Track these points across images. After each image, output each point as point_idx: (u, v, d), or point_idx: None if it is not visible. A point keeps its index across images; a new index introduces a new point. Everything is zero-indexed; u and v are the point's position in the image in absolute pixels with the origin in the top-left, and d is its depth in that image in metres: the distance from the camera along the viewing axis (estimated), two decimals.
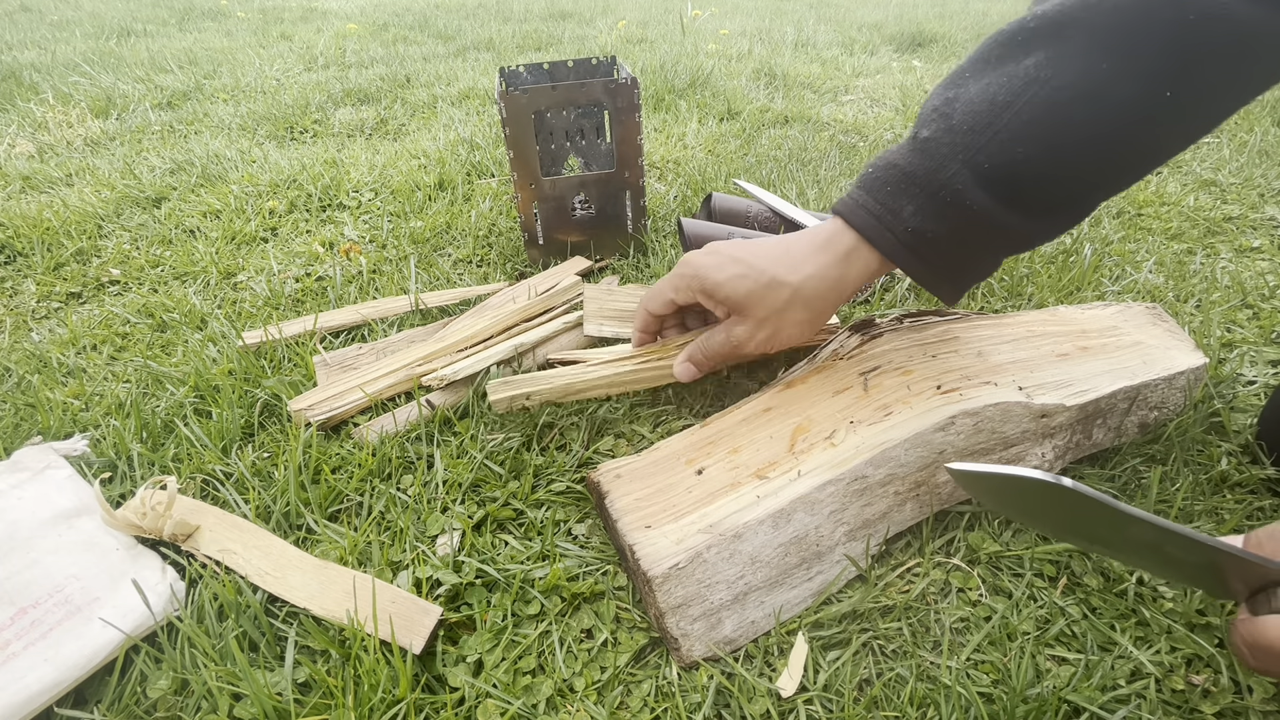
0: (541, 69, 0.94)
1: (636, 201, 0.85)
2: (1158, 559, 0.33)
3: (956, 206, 0.44)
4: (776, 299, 0.49)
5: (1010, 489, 0.34)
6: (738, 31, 2.55)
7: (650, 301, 0.57)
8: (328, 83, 1.84)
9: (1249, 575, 0.31)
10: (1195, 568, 0.32)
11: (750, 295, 0.50)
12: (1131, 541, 0.33)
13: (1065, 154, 0.42)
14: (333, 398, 0.62)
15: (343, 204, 1.10)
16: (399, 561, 0.49)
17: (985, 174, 0.42)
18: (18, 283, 0.91)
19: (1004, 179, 0.42)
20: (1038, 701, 0.38)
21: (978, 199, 0.43)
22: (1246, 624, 0.31)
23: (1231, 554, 0.30)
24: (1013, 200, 0.43)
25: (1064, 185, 0.43)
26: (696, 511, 0.44)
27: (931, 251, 0.46)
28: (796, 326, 0.51)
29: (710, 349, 0.54)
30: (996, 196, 0.43)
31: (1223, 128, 1.31)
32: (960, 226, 0.44)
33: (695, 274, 0.52)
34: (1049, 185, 0.43)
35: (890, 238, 0.46)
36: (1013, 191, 0.43)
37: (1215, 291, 0.77)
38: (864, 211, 0.47)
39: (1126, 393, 0.52)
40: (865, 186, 0.47)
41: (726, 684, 0.41)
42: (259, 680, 0.40)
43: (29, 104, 1.63)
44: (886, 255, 0.47)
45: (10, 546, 0.47)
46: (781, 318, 0.50)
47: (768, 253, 0.50)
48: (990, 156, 0.42)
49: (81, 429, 0.62)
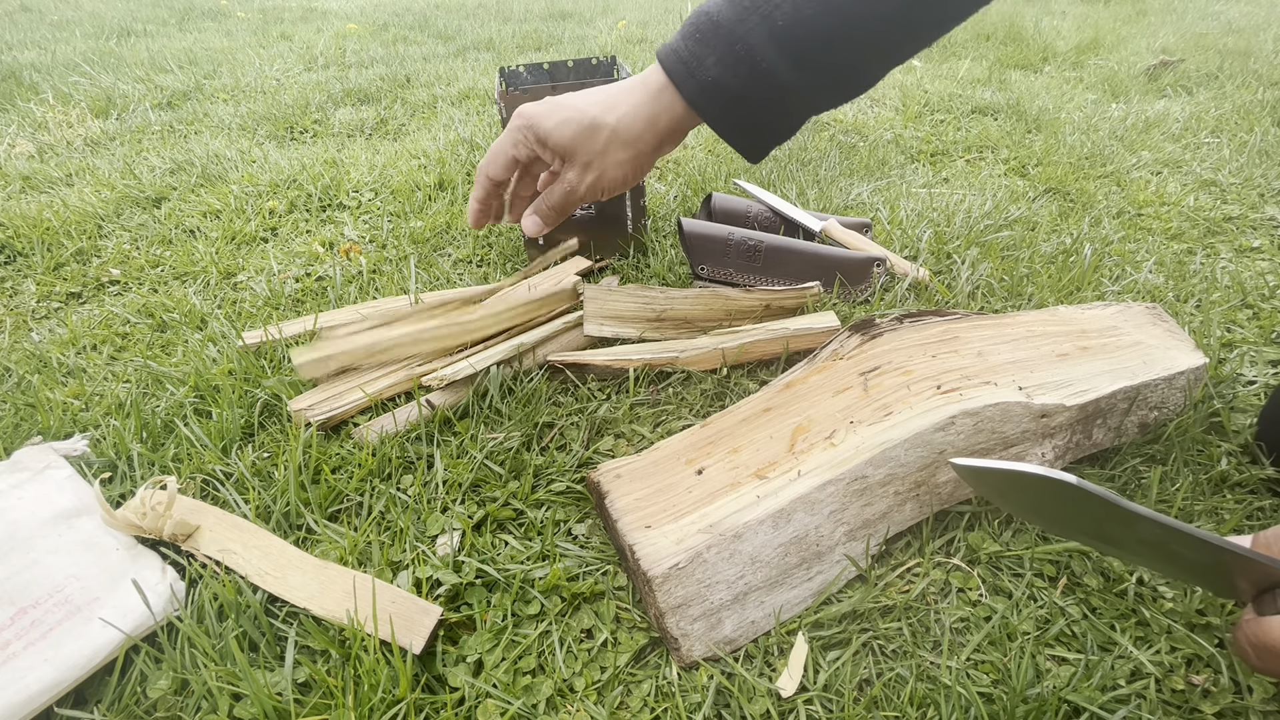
0: (541, 69, 0.94)
1: (636, 201, 0.85)
2: (1163, 557, 0.33)
3: (749, 62, 0.46)
4: (597, 139, 0.52)
5: (1014, 485, 0.34)
6: None
7: (490, 165, 0.58)
8: (328, 83, 1.84)
9: (1256, 576, 0.31)
10: (1201, 567, 0.32)
11: (575, 138, 0.52)
12: (1137, 539, 0.33)
13: (848, 20, 0.45)
14: (333, 398, 0.62)
15: (343, 204, 1.10)
16: (399, 561, 0.49)
17: (778, 31, 0.45)
18: (18, 283, 0.91)
19: (793, 38, 0.45)
20: (1038, 701, 0.38)
21: (768, 55, 0.46)
22: (1252, 624, 0.31)
23: (1239, 554, 0.30)
24: (799, 61, 0.46)
25: (846, 49, 0.46)
26: (696, 511, 0.44)
27: (730, 104, 0.49)
28: (619, 168, 0.53)
29: (551, 199, 0.57)
30: (785, 54, 0.46)
31: (1223, 128, 1.32)
32: (753, 82, 0.47)
33: (529, 123, 0.54)
34: (834, 48, 0.46)
35: (693, 84, 0.49)
36: (800, 51, 0.46)
37: (1215, 291, 0.77)
38: (674, 56, 0.50)
39: (1126, 393, 0.52)
40: (682, 32, 0.50)
41: (726, 684, 0.41)
42: (259, 680, 0.40)
43: (29, 104, 1.63)
44: (689, 101, 0.49)
45: (10, 546, 0.47)
46: (604, 158, 0.52)
47: (591, 98, 0.53)
48: (784, 15, 0.45)
49: (81, 429, 0.62)
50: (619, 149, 0.52)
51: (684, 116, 0.51)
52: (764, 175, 1.14)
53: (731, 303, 0.70)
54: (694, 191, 1.07)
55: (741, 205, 0.89)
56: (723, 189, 1.08)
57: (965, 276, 0.79)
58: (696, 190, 1.07)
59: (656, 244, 0.89)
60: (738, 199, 0.90)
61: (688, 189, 1.08)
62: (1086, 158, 1.20)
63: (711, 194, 0.89)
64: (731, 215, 0.88)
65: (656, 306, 0.70)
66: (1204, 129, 1.32)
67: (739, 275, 0.78)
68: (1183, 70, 1.74)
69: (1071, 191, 1.07)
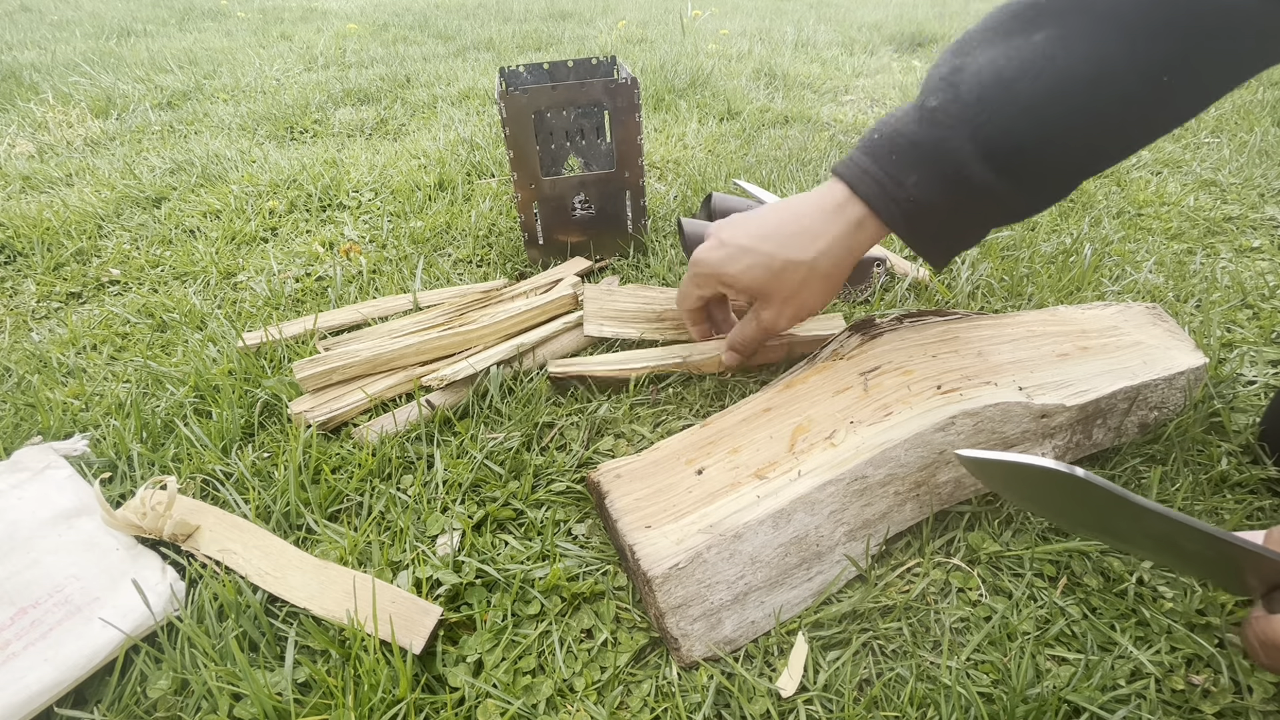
0: (541, 69, 0.94)
1: (636, 201, 0.85)
2: (1169, 551, 0.33)
3: (958, 180, 0.45)
4: (793, 279, 0.52)
5: (1019, 477, 0.34)
6: (738, 31, 2.55)
7: (683, 303, 0.61)
8: (328, 83, 1.84)
9: (1267, 572, 0.31)
10: (1209, 561, 0.32)
11: (768, 283, 0.52)
12: (1143, 533, 0.32)
13: (1066, 134, 0.43)
14: (333, 399, 0.62)
15: (343, 204, 1.10)
16: (399, 561, 0.49)
17: (989, 148, 0.43)
18: (18, 283, 0.91)
19: (1005, 154, 0.43)
20: (1038, 701, 0.38)
21: (978, 173, 0.44)
22: (1262, 621, 0.31)
23: (1249, 550, 0.29)
24: (1011, 175, 0.44)
25: (1060, 162, 0.44)
26: (696, 511, 0.44)
27: (928, 221, 0.47)
28: (816, 296, 0.53)
29: (746, 335, 0.58)
30: (997, 170, 0.44)
31: (1223, 128, 1.31)
32: (959, 198, 0.45)
33: (711, 271, 0.55)
34: (1047, 162, 0.44)
35: (894, 208, 0.47)
36: (1012, 167, 0.44)
37: (1215, 291, 0.77)
38: (870, 180, 0.48)
39: (1126, 393, 0.52)
40: (871, 153, 0.48)
41: (726, 684, 0.41)
42: (259, 680, 0.40)
43: (29, 104, 1.63)
44: (888, 224, 0.48)
45: (10, 546, 0.47)
46: (802, 293, 0.53)
47: (776, 232, 0.52)
48: (994, 131, 0.43)
49: (81, 429, 0.62)
50: (818, 282, 0.52)
51: (877, 237, 0.50)
52: (764, 175, 1.14)
53: None
54: (694, 191, 1.07)
55: (741, 205, 0.89)
56: (723, 189, 1.08)
57: (965, 276, 0.79)
58: (696, 190, 1.07)
59: (656, 244, 0.89)
60: (738, 199, 0.90)
61: (688, 189, 1.08)
62: None
63: (711, 194, 0.88)
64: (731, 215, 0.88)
65: (656, 306, 0.70)
66: (1204, 129, 1.32)
67: None
68: None
69: None
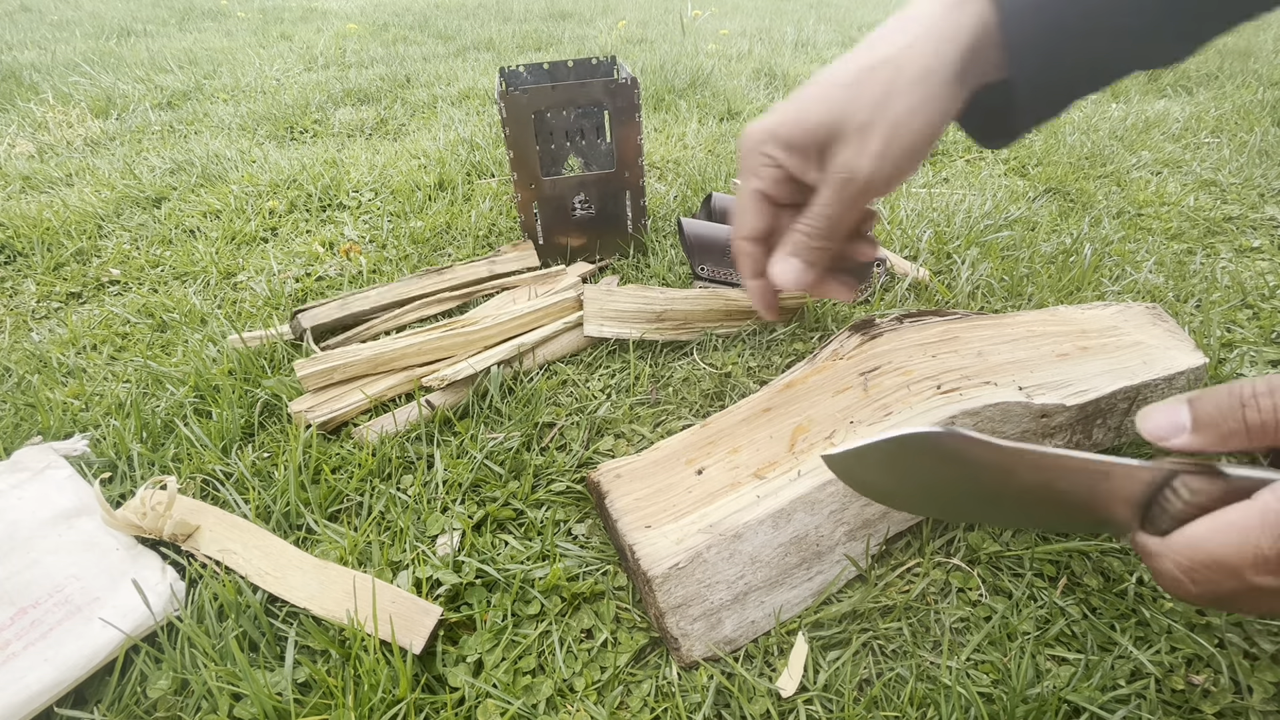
0: (541, 69, 0.94)
1: (636, 201, 0.85)
2: (1046, 504, 0.30)
3: None
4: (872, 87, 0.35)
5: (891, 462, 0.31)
6: (738, 31, 2.55)
7: (741, 226, 0.43)
8: (328, 83, 1.84)
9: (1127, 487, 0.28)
10: (1082, 503, 0.29)
11: (835, 105, 0.36)
12: (1020, 488, 0.30)
13: None
14: (333, 399, 0.62)
15: (343, 204, 1.10)
16: (399, 561, 0.49)
17: None
18: (18, 283, 0.91)
19: None
20: (1038, 701, 0.38)
21: None
22: (1176, 543, 0.27)
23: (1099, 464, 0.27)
24: None
25: None
26: (696, 511, 0.44)
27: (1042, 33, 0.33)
28: (914, 114, 0.35)
29: (815, 217, 0.39)
30: None
31: (1223, 128, 1.31)
32: None
33: (763, 134, 0.38)
34: None
35: None
36: None
37: (1215, 291, 0.77)
38: None
39: (1126, 393, 0.52)
40: None
41: (726, 684, 0.41)
42: (259, 680, 0.40)
43: (29, 104, 1.63)
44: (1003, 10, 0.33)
45: (10, 546, 0.47)
46: (888, 110, 0.35)
47: (842, 59, 0.37)
48: None
49: (81, 429, 0.62)
50: (908, 88, 0.34)
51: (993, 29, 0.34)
52: None
53: (731, 303, 0.70)
54: (694, 191, 1.07)
55: None
56: (723, 189, 1.08)
57: (965, 276, 0.79)
58: (696, 190, 1.07)
59: (656, 244, 0.89)
60: None
61: (688, 189, 1.08)
62: (1086, 157, 1.20)
63: (711, 194, 0.88)
64: (731, 215, 0.88)
65: (656, 307, 0.70)
66: (1204, 129, 1.32)
67: (739, 275, 0.78)
68: (1182, 70, 1.74)
69: (1071, 191, 1.07)
